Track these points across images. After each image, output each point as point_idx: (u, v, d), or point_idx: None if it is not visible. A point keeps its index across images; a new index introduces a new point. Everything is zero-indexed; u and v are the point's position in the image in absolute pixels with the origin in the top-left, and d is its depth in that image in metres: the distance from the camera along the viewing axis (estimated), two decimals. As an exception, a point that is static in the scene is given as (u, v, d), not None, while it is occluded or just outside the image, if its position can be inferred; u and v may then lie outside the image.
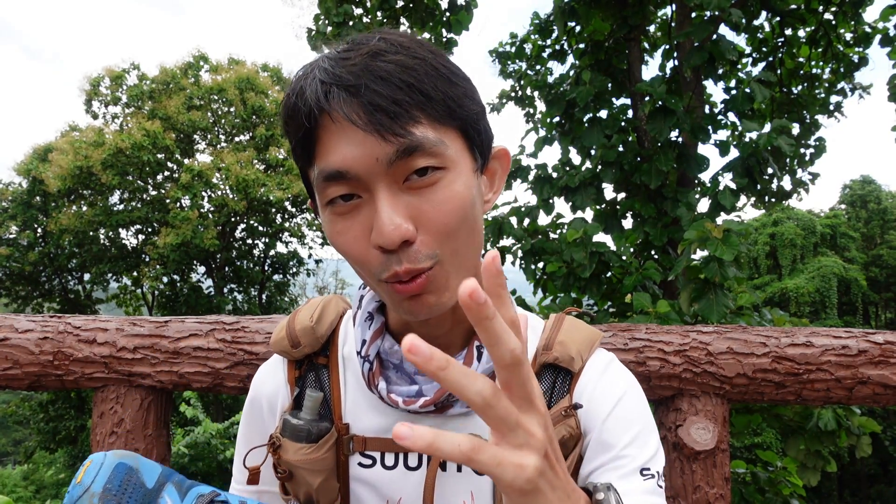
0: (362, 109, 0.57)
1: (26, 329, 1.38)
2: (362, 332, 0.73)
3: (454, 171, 0.61)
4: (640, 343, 1.38)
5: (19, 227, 15.75)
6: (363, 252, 0.61)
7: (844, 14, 5.01)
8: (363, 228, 0.61)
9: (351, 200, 0.61)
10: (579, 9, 4.43)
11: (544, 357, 0.74)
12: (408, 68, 0.58)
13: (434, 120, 0.59)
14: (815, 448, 2.73)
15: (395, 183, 0.59)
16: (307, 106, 0.59)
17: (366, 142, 0.57)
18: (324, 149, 0.60)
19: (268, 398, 0.81)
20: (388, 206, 0.58)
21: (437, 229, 0.60)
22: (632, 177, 4.02)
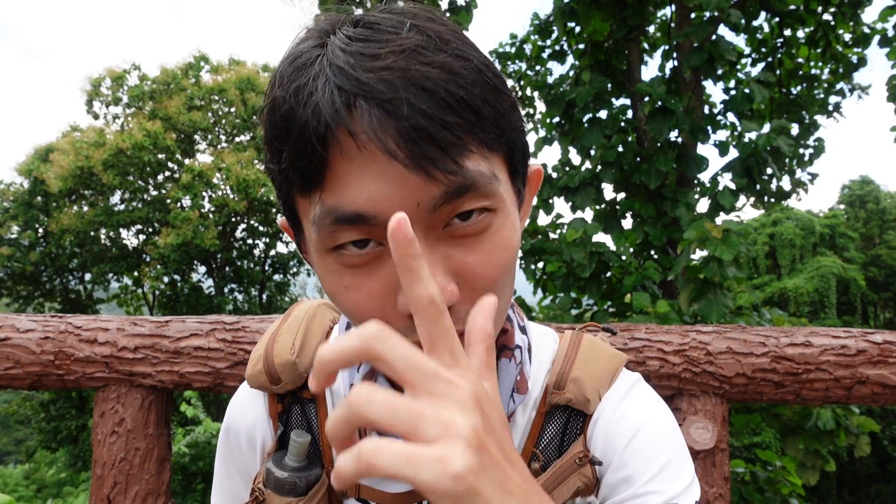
0: (403, 136, 0.41)
1: (28, 329, 1.39)
2: (350, 375, 0.61)
3: (502, 212, 0.48)
4: (640, 343, 1.38)
5: (20, 227, 15.75)
6: (380, 313, 0.47)
7: (843, 15, 5.02)
8: (384, 286, 0.47)
9: (367, 248, 0.46)
10: (579, 9, 4.44)
11: (555, 398, 0.62)
12: (455, 74, 0.44)
13: (485, 147, 0.46)
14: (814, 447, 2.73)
15: (433, 230, 0.46)
16: (319, 121, 0.42)
17: (404, 180, 0.43)
18: (338, 181, 0.44)
19: (246, 432, 0.68)
20: (426, 262, 0.42)
21: (483, 287, 0.47)
22: (631, 177, 4.02)
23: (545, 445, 0.62)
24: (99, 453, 1.35)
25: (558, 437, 0.62)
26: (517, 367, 0.60)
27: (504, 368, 0.59)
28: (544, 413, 0.62)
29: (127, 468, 1.34)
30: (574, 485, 0.59)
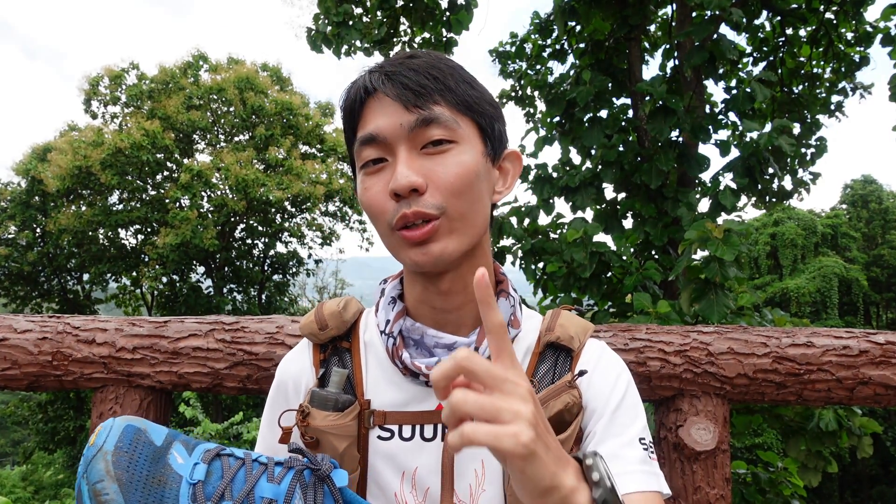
0: (395, 87, 0.73)
1: (25, 329, 1.38)
2: (386, 313, 0.84)
3: (464, 145, 0.75)
4: (641, 343, 1.37)
5: (18, 227, 15.74)
6: (381, 202, 0.74)
7: (845, 13, 5.01)
8: (384, 184, 0.74)
9: (379, 164, 0.75)
10: (579, 8, 4.43)
11: (547, 337, 0.85)
12: (436, 67, 0.75)
13: (451, 106, 0.74)
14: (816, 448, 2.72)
15: (413, 148, 0.73)
16: (357, 87, 0.77)
17: (394, 111, 0.73)
18: (364, 121, 0.76)
19: (293, 379, 0.88)
20: (404, 163, 0.72)
21: (444, 186, 0.72)
22: (632, 177, 4.01)
23: (540, 377, 0.83)
24: (96, 455, 1.34)
25: (550, 372, 0.84)
26: (511, 307, 0.85)
27: (501, 304, 0.84)
28: (538, 353, 0.85)
29: (125, 470, 1.33)
30: (565, 400, 0.79)
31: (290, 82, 18.01)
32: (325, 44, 5.05)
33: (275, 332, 1.36)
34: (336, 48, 5.04)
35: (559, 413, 0.78)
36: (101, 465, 0.59)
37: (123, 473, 0.60)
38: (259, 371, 1.34)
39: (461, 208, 0.74)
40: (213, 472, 0.65)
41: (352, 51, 5.26)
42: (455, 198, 0.73)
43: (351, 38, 4.95)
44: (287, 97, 16.63)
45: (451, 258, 0.74)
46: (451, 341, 0.80)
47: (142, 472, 0.61)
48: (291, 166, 15.89)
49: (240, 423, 7.50)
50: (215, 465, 0.66)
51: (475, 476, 0.78)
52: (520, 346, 0.85)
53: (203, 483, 0.63)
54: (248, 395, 1.41)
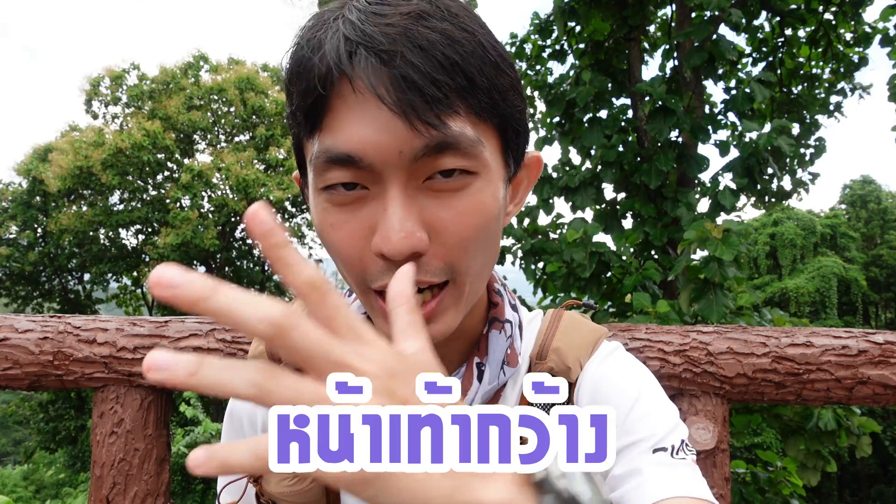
0: (393, 84, 0.46)
1: (26, 329, 1.38)
2: None
3: (484, 178, 0.52)
4: (640, 343, 1.38)
5: (19, 227, 15.74)
6: (358, 254, 0.52)
7: (844, 14, 5.01)
8: (363, 227, 0.51)
9: (354, 190, 0.51)
10: (579, 9, 4.43)
11: (538, 367, 0.66)
12: (454, 41, 0.48)
13: (474, 113, 0.50)
14: (815, 448, 2.73)
15: (413, 180, 0.50)
16: (324, 65, 0.48)
17: (391, 127, 0.47)
18: (334, 122, 0.49)
19: (248, 413, 0.72)
20: (400, 207, 0.48)
21: (454, 243, 0.51)
22: (632, 177, 4.02)
23: None
24: (98, 454, 1.35)
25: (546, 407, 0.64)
26: (507, 340, 0.64)
27: (494, 340, 0.63)
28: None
29: (126, 469, 1.34)
30: None
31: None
32: None
33: (275, 332, 1.36)
34: (336, 48, 5.03)
35: None
36: None
37: None
38: (260, 371, 1.35)
39: (474, 268, 0.54)
40: None
41: (352, 51, 5.26)
42: (468, 256, 0.52)
43: (351, 39, 4.94)
44: (287, 97, 16.62)
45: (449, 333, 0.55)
46: None
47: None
48: (292, 166, 15.88)
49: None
50: None
51: None
52: (513, 382, 0.66)
53: None
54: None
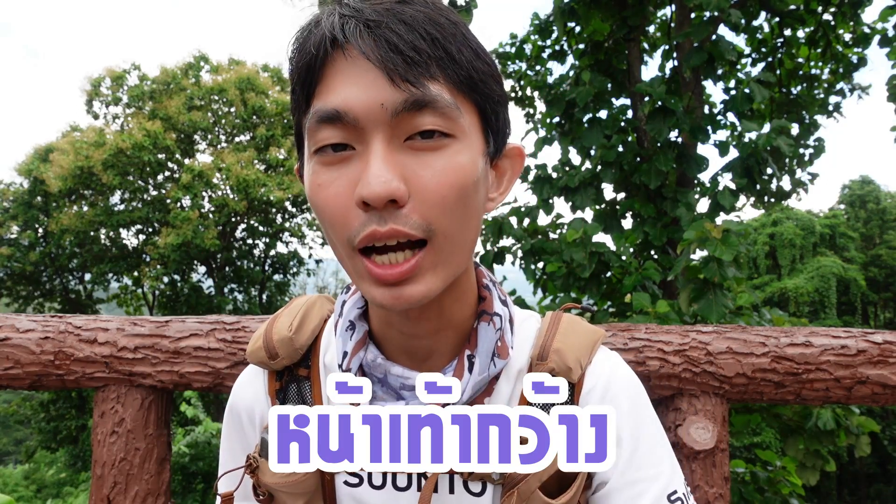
0: (377, 46, 0.52)
1: (27, 329, 1.39)
2: (343, 343, 0.67)
3: (463, 142, 0.55)
4: (640, 343, 1.38)
5: (20, 227, 15.75)
6: (343, 210, 0.54)
7: (843, 14, 5.01)
8: (349, 183, 0.54)
9: (341, 152, 0.55)
10: (579, 9, 4.44)
11: (539, 369, 0.68)
12: (436, 23, 0.54)
13: (452, 83, 0.54)
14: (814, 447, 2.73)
15: (395, 138, 0.54)
16: (319, 33, 0.55)
17: (374, 84, 0.52)
18: (326, 87, 0.54)
19: (246, 410, 0.74)
20: (381, 159, 0.52)
21: (432, 200, 0.53)
22: (631, 177, 4.02)
23: None
24: (99, 453, 1.35)
25: (547, 408, 0.66)
26: (497, 333, 0.66)
27: (483, 332, 0.65)
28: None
29: (127, 468, 1.34)
30: None
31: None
32: None
33: (276, 332, 1.37)
34: (336, 49, 5.04)
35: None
36: None
37: None
38: (260, 370, 1.35)
39: (452, 229, 0.55)
40: None
41: (352, 51, 5.26)
42: (446, 215, 0.54)
43: (351, 39, 4.94)
44: (288, 98, 16.61)
45: (430, 298, 0.57)
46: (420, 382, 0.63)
47: None
48: (292, 166, 15.84)
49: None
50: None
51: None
52: (508, 379, 0.68)
53: None
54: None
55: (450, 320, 0.65)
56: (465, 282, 0.66)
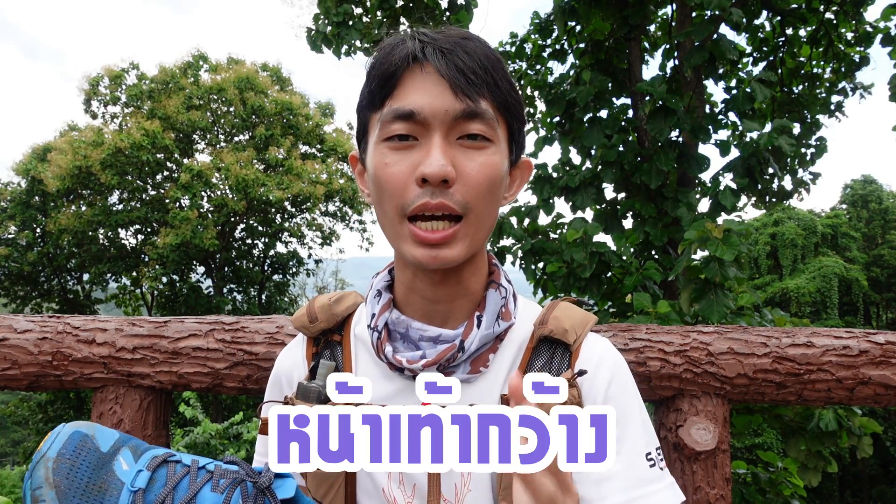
0: (449, 67, 0.69)
1: (25, 329, 1.38)
2: (372, 306, 0.83)
3: (497, 147, 0.73)
4: (641, 343, 1.37)
5: (18, 227, 15.73)
6: (403, 184, 0.70)
7: (845, 13, 5.01)
8: (410, 165, 0.70)
9: (406, 141, 0.71)
10: (579, 8, 4.43)
11: (540, 330, 0.81)
12: (488, 57, 0.73)
13: (494, 104, 0.72)
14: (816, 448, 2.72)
15: (450, 136, 0.71)
16: (405, 51, 0.71)
17: (442, 94, 0.69)
18: (403, 92, 0.71)
19: (286, 373, 0.89)
20: (440, 149, 0.69)
21: (473, 185, 0.70)
22: (632, 177, 4.01)
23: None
24: (96, 454, 1.34)
25: (546, 368, 0.80)
26: (502, 299, 0.81)
27: (491, 296, 0.81)
28: (532, 348, 0.81)
29: (125, 469, 1.33)
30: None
31: (290, 82, 17.99)
32: (325, 44, 5.05)
33: (275, 332, 1.36)
34: (336, 48, 5.04)
35: None
36: (41, 472, 0.59)
37: (62, 480, 0.59)
38: (259, 371, 1.35)
39: (482, 211, 0.72)
40: (157, 479, 0.64)
41: (352, 51, 5.26)
42: (480, 199, 0.71)
43: (351, 39, 4.95)
44: (287, 97, 16.63)
45: (459, 263, 0.73)
46: (436, 334, 0.78)
47: (82, 478, 0.60)
48: (291, 166, 15.88)
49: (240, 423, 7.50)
50: (160, 472, 0.65)
51: (461, 477, 0.77)
52: (512, 340, 0.82)
53: (145, 490, 0.62)
54: (248, 395, 1.42)
55: (465, 289, 0.80)
56: (480, 258, 0.82)
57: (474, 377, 0.78)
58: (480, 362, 0.78)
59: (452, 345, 0.76)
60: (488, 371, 0.79)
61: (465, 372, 0.77)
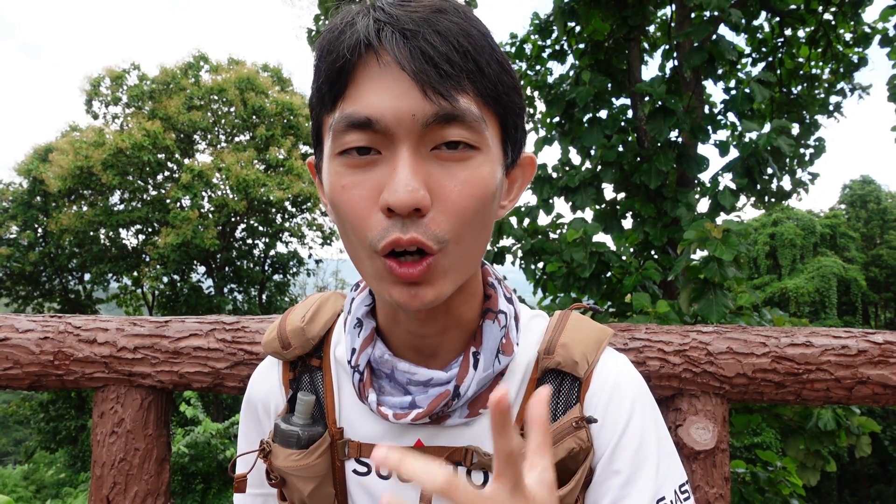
0: (413, 56, 0.52)
1: (27, 329, 1.38)
2: (352, 339, 0.68)
3: (485, 155, 0.57)
4: (640, 343, 1.38)
5: (20, 227, 15.74)
6: (365, 213, 0.55)
7: (844, 14, 5.01)
8: (373, 188, 0.54)
9: (367, 155, 0.55)
10: (579, 9, 4.43)
11: (545, 363, 0.69)
12: (468, 35, 0.55)
13: (480, 97, 0.55)
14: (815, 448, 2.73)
15: (422, 147, 0.54)
16: (354, 38, 0.54)
17: (407, 94, 0.53)
18: (357, 91, 0.54)
19: (262, 400, 0.77)
20: (409, 167, 0.53)
21: (454, 210, 0.54)
22: (632, 177, 4.02)
23: None
24: (98, 454, 1.35)
25: (552, 404, 0.68)
26: (502, 330, 0.67)
27: (488, 329, 0.67)
28: (536, 380, 0.69)
29: (126, 468, 1.34)
30: (569, 446, 0.65)
31: (291, 83, 18.01)
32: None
33: (275, 332, 1.37)
34: (336, 48, 5.04)
35: (562, 461, 0.65)
36: None
37: None
38: (260, 370, 1.35)
39: (467, 241, 0.57)
40: None
41: (352, 51, 5.26)
42: (463, 226, 0.55)
43: (351, 39, 4.94)
44: (288, 98, 16.64)
45: (442, 300, 0.58)
46: (427, 378, 0.65)
47: None
48: (292, 166, 15.89)
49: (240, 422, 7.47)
50: None
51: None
52: (514, 371, 0.69)
53: None
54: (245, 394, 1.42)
55: (457, 320, 0.66)
56: (472, 283, 0.66)
57: (472, 419, 0.67)
58: (479, 404, 0.66)
59: (446, 391, 0.64)
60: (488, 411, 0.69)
61: (463, 416, 0.66)
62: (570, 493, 0.65)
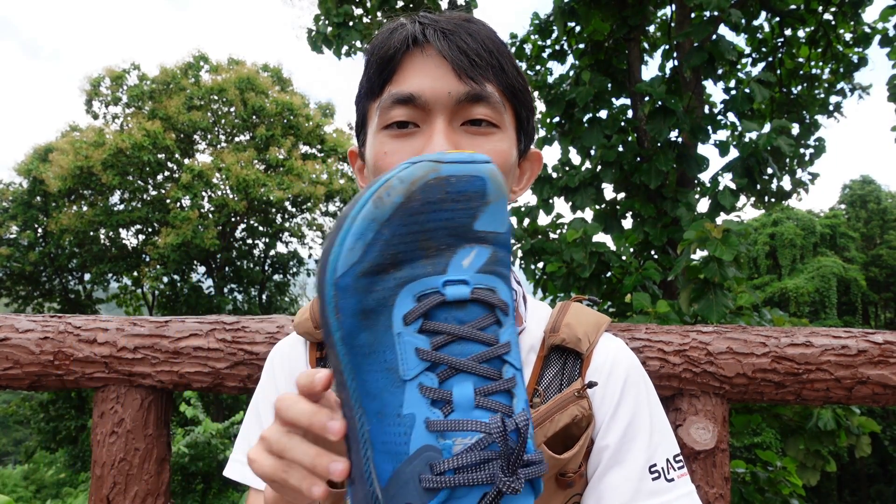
0: (451, 49, 0.65)
1: (27, 329, 1.38)
2: None
3: (505, 133, 0.69)
4: (640, 343, 1.38)
5: (20, 227, 15.74)
6: None
7: (844, 14, 5.01)
8: (412, 153, 0.65)
9: (405, 128, 0.67)
10: (579, 9, 4.43)
11: (551, 339, 0.76)
12: (492, 40, 0.69)
13: (500, 89, 0.68)
14: (815, 448, 2.73)
15: (454, 121, 0.67)
16: (404, 34, 0.67)
17: (445, 77, 0.66)
18: (403, 75, 0.67)
19: (286, 374, 0.82)
20: (443, 135, 0.65)
21: None
22: (632, 177, 4.02)
23: (546, 385, 0.74)
24: (98, 454, 1.35)
25: (558, 378, 0.75)
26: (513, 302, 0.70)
27: None
28: (543, 357, 0.76)
29: (126, 468, 1.34)
30: (573, 412, 0.71)
31: (291, 83, 18.02)
32: (325, 44, 5.06)
33: (275, 332, 1.37)
34: (336, 49, 5.05)
35: (566, 427, 0.70)
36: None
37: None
38: (260, 371, 1.35)
39: None
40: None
41: (352, 51, 5.27)
42: None
43: (351, 39, 4.96)
44: (288, 98, 16.64)
45: None
46: None
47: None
48: (292, 166, 15.89)
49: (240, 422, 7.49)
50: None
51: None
52: (522, 346, 0.75)
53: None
54: (248, 394, 1.42)
55: None
56: None
57: None
58: None
59: None
60: None
61: None
62: (573, 457, 0.70)
